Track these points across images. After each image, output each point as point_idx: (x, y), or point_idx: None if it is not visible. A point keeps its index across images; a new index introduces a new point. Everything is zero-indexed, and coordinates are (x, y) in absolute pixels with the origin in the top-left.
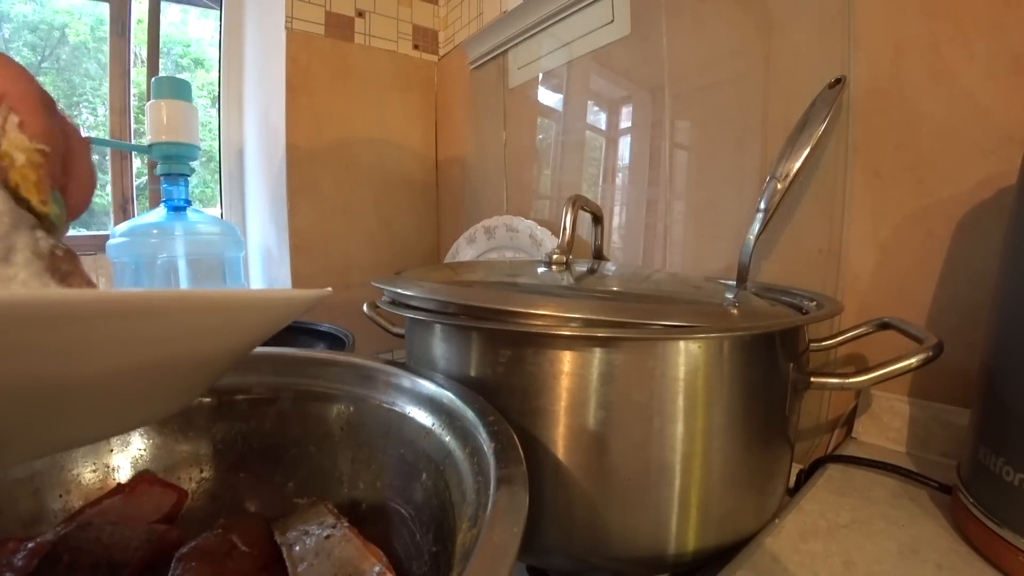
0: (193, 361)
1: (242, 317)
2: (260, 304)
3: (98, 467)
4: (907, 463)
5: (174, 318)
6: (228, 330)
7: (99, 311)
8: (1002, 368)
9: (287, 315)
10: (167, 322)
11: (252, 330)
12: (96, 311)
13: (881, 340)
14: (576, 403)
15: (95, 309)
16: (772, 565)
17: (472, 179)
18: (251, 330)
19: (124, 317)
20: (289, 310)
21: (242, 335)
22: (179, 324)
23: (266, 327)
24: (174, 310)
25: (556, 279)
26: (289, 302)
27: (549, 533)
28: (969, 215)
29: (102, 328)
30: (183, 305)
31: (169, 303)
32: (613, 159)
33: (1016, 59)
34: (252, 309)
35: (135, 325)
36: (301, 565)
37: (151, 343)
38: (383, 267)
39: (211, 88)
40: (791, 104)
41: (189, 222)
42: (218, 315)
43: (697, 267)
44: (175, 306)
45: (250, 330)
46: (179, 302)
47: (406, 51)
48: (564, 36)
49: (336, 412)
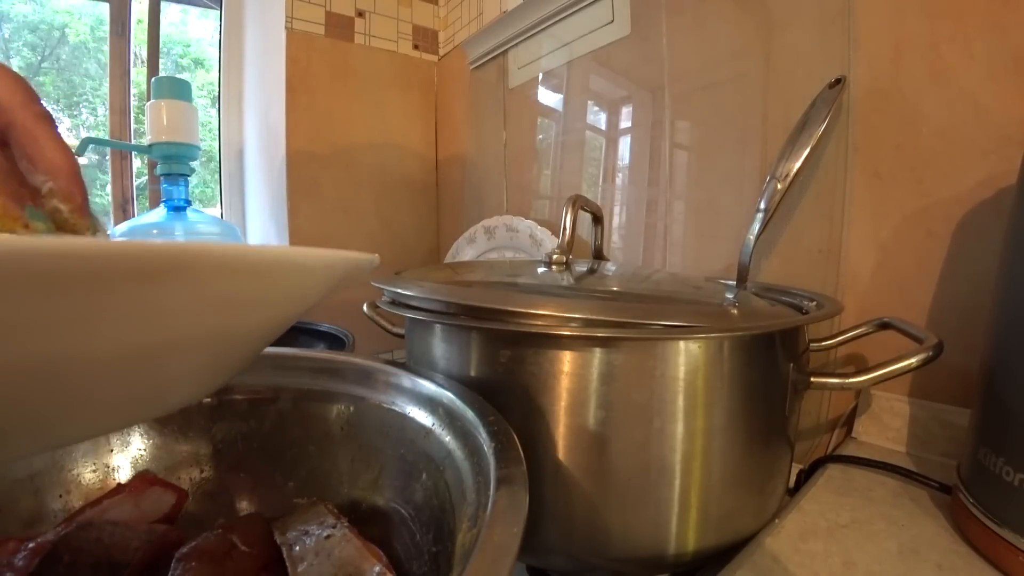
0: (226, 338)
1: (285, 283)
2: (310, 264)
3: (98, 467)
4: (907, 463)
5: (210, 278)
6: (268, 299)
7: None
8: (1002, 368)
9: (330, 281)
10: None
11: (295, 299)
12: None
13: (881, 340)
14: (576, 403)
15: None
16: (772, 565)
17: (472, 179)
18: (294, 300)
19: (148, 276)
20: (333, 274)
21: (283, 306)
22: (216, 288)
23: (312, 293)
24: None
25: (556, 279)
26: (334, 264)
27: (549, 533)
28: (969, 215)
29: (121, 291)
30: (221, 261)
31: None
32: (613, 159)
33: (1016, 59)
34: (300, 271)
35: (161, 288)
36: (301, 565)
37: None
38: (383, 267)
39: (211, 88)
40: (791, 104)
41: (189, 222)
42: (259, 278)
43: (697, 267)
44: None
45: (293, 300)
46: (218, 257)
47: (406, 51)
48: (564, 36)
49: (336, 412)
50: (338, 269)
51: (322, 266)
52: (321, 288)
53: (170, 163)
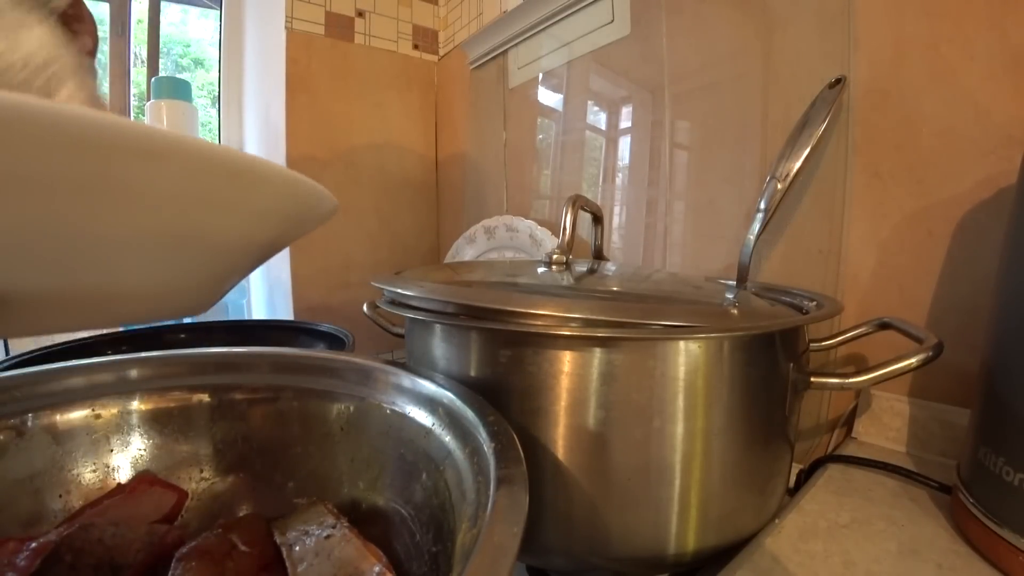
0: (199, 240)
1: (259, 189)
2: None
3: (98, 467)
4: (907, 463)
5: (188, 166)
6: (239, 205)
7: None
8: (1002, 368)
9: (297, 200)
10: (180, 170)
11: (263, 215)
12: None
13: (881, 340)
14: (576, 403)
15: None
16: (772, 565)
17: (472, 179)
18: (262, 214)
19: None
20: (294, 192)
21: (256, 219)
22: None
23: (273, 209)
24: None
25: (556, 279)
26: (298, 182)
27: (549, 533)
28: (969, 215)
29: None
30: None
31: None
32: (613, 159)
33: (1016, 59)
34: (269, 181)
35: (152, 166)
36: (301, 565)
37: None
38: (383, 267)
39: (211, 88)
40: (791, 104)
41: None
42: (233, 179)
43: (697, 267)
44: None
45: (264, 216)
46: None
47: (406, 51)
48: (564, 36)
49: (336, 412)
50: (300, 188)
51: (285, 179)
52: (282, 206)
53: None
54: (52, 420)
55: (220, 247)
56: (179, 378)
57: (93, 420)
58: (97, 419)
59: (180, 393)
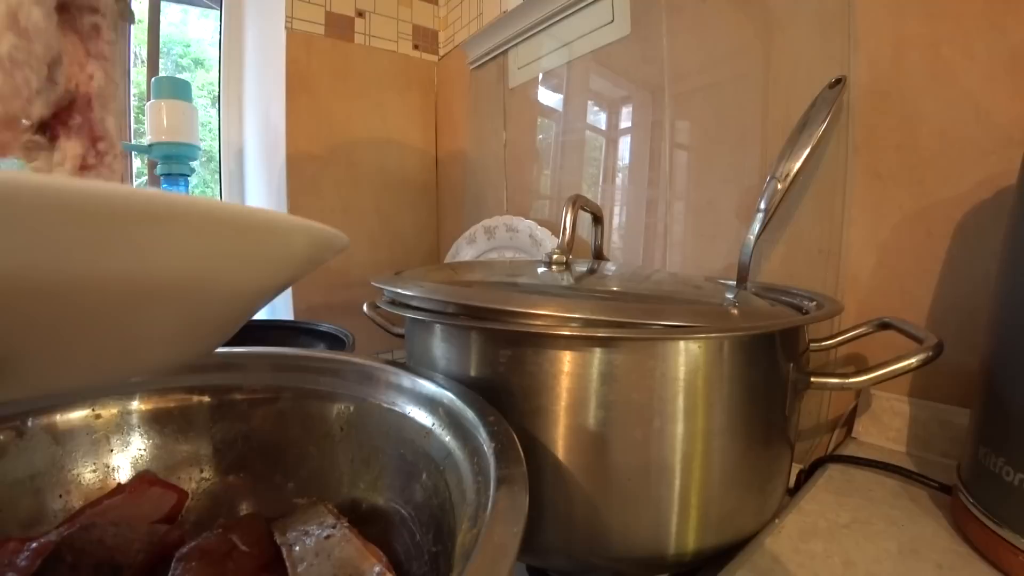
0: (212, 294)
1: (272, 242)
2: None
3: (98, 467)
4: (907, 463)
5: (198, 228)
6: (252, 259)
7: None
8: (1002, 368)
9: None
10: (190, 233)
11: (276, 265)
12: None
13: (881, 340)
14: (576, 403)
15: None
16: (772, 565)
17: (472, 179)
18: (275, 264)
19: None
20: (306, 241)
21: (265, 269)
22: (203, 238)
23: (286, 257)
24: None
25: (556, 279)
26: (310, 230)
27: (549, 533)
28: (969, 215)
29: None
30: (210, 215)
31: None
32: (613, 159)
33: (1016, 59)
34: (281, 232)
35: (158, 230)
36: (301, 565)
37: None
38: (383, 267)
39: (211, 88)
40: (791, 104)
41: None
42: (246, 234)
43: (697, 267)
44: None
45: (274, 264)
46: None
47: (406, 51)
48: (564, 36)
49: (336, 412)
50: (312, 235)
51: (296, 229)
52: (294, 253)
53: (170, 163)
54: (52, 420)
55: (232, 298)
56: (179, 378)
57: (93, 420)
58: (97, 419)
59: (180, 393)
